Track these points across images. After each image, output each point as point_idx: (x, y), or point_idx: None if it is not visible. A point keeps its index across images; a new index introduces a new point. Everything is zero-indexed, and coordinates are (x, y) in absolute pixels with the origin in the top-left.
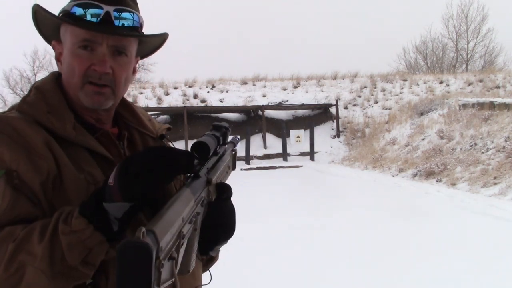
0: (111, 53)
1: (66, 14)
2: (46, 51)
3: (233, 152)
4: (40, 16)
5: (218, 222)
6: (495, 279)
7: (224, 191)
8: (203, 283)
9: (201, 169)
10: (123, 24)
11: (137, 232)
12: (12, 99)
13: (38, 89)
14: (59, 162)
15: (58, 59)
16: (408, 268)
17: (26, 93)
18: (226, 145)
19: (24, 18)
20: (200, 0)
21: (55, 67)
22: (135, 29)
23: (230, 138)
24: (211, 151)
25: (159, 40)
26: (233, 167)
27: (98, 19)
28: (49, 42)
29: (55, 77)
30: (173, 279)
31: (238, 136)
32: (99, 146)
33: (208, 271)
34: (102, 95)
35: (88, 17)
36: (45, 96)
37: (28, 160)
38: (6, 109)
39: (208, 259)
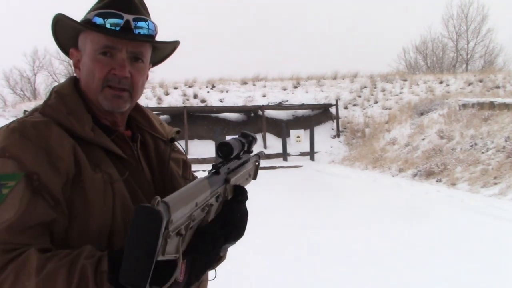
0: (129, 59)
1: (88, 23)
2: (46, 51)
3: (257, 163)
4: (61, 25)
5: (229, 222)
6: (495, 279)
7: (240, 193)
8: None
9: (222, 167)
10: (139, 33)
11: (152, 200)
12: (12, 99)
13: (58, 93)
14: (81, 163)
15: (76, 65)
16: (408, 268)
17: (25, 93)
18: (251, 154)
19: (24, 18)
20: (200, 0)
21: (55, 67)
22: (151, 37)
23: (256, 151)
24: (234, 153)
25: (171, 47)
26: (254, 177)
27: (119, 27)
28: (65, 50)
29: (73, 81)
30: (178, 255)
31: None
32: (115, 146)
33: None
34: (121, 98)
35: (108, 25)
36: (64, 99)
37: (49, 164)
38: (9, 108)
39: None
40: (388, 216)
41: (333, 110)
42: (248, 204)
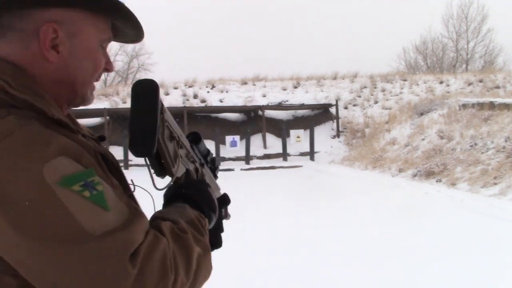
0: None
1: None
2: None
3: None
4: None
5: None
6: (495, 279)
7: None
8: None
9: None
10: None
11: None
12: None
13: (25, 86)
14: (103, 170)
15: (53, 45)
16: (408, 268)
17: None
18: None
19: None
20: (200, 0)
21: None
22: None
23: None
24: (200, 143)
25: None
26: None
27: None
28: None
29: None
30: (179, 159)
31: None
32: (109, 152)
33: None
34: None
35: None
36: (37, 91)
37: (98, 165)
38: None
39: None
40: (388, 216)
41: (333, 110)
42: (247, 204)
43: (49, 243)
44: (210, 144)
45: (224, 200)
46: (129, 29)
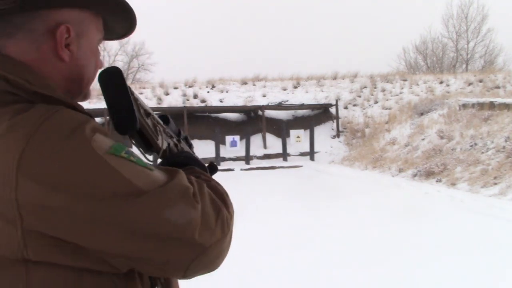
0: None
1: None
2: None
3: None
4: None
5: None
6: (495, 279)
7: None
8: None
9: (170, 122)
10: None
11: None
12: None
13: (41, 83)
14: None
15: (67, 46)
16: (408, 268)
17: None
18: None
19: None
20: (200, 0)
21: None
22: None
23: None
24: (171, 121)
25: None
26: None
27: None
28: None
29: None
30: (160, 132)
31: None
32: None
33: None
34: None
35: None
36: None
37: None
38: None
39: None
40: (388, 216)
41: (333, 110)
42: (247, 203)
43: (113, 201)
44: (210, 144)
45: (212, 167)
46: (120, 24)
